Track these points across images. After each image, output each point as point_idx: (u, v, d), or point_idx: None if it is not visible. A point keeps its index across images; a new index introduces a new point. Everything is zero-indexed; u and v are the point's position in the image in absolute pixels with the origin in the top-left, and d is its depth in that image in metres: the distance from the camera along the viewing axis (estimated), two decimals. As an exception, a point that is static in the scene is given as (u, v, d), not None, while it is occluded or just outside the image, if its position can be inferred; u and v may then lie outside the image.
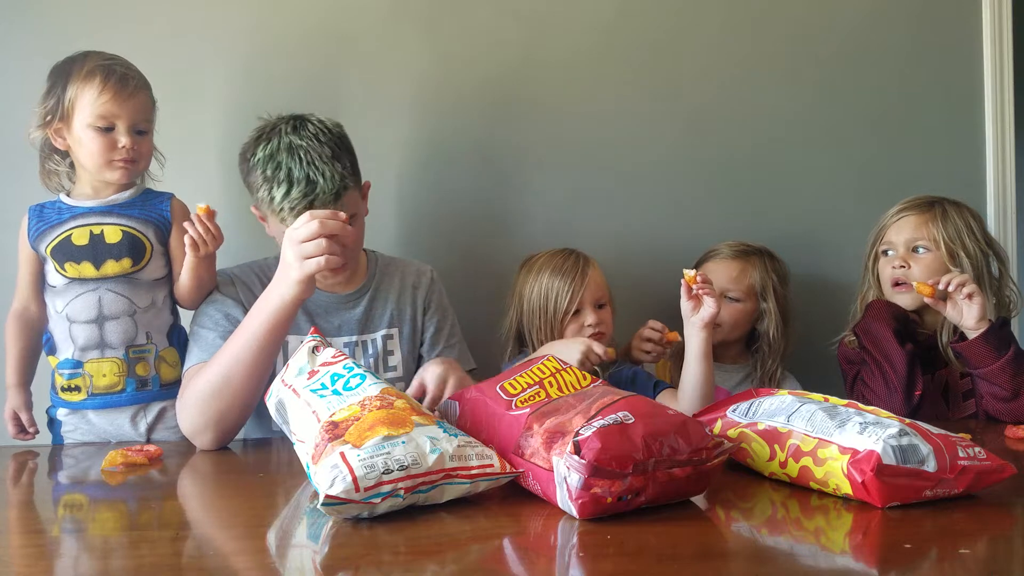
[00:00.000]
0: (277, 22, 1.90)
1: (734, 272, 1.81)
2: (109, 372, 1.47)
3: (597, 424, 0.96)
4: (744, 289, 1.81)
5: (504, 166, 1.97)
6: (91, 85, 1.45)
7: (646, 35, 2.01)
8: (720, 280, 1.79)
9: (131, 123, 1.48)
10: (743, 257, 1.83)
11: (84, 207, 1.50)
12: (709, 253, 1.87)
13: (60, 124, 1.48)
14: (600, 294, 1.71)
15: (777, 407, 1.14)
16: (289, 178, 1.46)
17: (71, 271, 1.46)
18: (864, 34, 2.07)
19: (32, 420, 1.53)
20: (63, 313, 1.47)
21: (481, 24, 1.96)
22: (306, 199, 1.46)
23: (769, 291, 1.81)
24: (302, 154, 1.47)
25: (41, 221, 1.49)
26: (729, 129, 2.03)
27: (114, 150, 1.47)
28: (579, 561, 0.87)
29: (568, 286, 1.68)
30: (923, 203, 1.71)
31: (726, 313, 1.79)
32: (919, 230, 1.68)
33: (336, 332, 1.60)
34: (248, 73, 1.88)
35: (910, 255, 1.68)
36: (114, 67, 1.47)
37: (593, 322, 1.68)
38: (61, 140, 1.49)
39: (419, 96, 1.94)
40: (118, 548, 0.93)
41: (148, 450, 1.31)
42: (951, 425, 1.34)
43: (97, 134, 1.46)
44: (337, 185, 1.48)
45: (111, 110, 1.46)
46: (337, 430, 1.00)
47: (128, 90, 1.47)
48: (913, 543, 0.88)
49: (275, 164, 1.48)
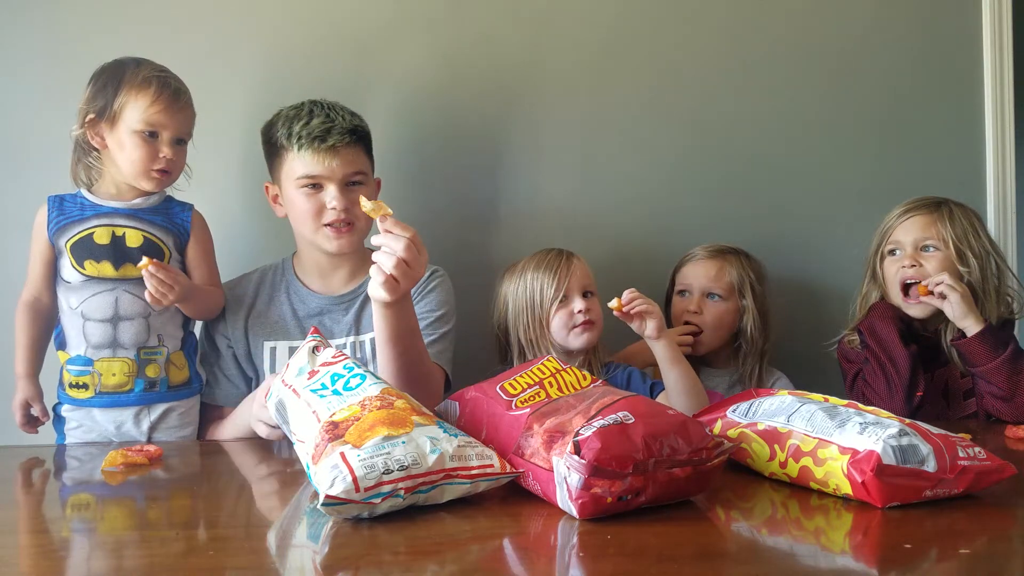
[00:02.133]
0: (287, 27, 1.91)
1: (712, 271, 1.82)
2: (119, 372, 1.48)
3: (597, 424, 0.96)
4: (725, 287, 1.81)
5: (506, 166, 1.97)
6: (145, 93, 1.48)
7: (647, 36, 2.01)
8: (701, 281, 1.82)
9: (175, 135, 1.51)
10: (719, 256, 1.84)
11: (108, 207, 1.51)
12: (686, 257, 1.88)
13: (105, 124, 1.49)
14: (587, 282, 1.69)
15: (777, 407, 1.14)
16: (311, 114, 1.57)
17: (90, 269, 1.47)
18: (864, 34, 2.07)
19: (44, 409, 1.51)
20: (78, 310, 1.47)
21: (483, 26, 1.96)
22: (323, 126, 1.55)
23: (747, 288, 1.82)
24: (326, 105, 1.61)
25: (62, 215, 1.49)
26: (729, 129, 2.03)
27: (155, 159, 1.49)
28: (579, 561, 0.87)
29: (553, 276, 1.67)
30: (930, 203, 1.71)
31: (710, 314, 1.80)
32: (928, 230, 1.68)
33: (329, 334, 1.62)
34: (257, 77, 1.88)
35: (919, 254, 1.68)
36: (169, 79, 1.52)
37: (583, 308, 1.64)
38: (99, 139, 1.50)
39: (422, 97, 1.94)
40: (119, 548, 0.93)
41: (148, 450, 1.31)
42: (951, 425, 1.35)
43: (141, 141, 1.48)
44: (355, 125, 1.59)
45: (161, 120, 1.49)
46: (337, 430, 1.00)
47: (180, 103, 1.52)
48: (913, 543, 0.88)
49: (298, 107, 1.60)
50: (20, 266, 1.53)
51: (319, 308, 1.64)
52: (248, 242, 1.84)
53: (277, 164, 1.62)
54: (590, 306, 1.66)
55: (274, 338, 1.62)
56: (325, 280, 1.67)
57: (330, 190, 1.56)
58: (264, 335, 1.63)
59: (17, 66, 1.83)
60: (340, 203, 1.55)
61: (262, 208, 1.74)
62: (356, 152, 1.59)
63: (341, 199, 1.56)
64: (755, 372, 1.84)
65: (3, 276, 1.74)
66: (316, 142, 1.54)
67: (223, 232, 1.68)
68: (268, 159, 1.66)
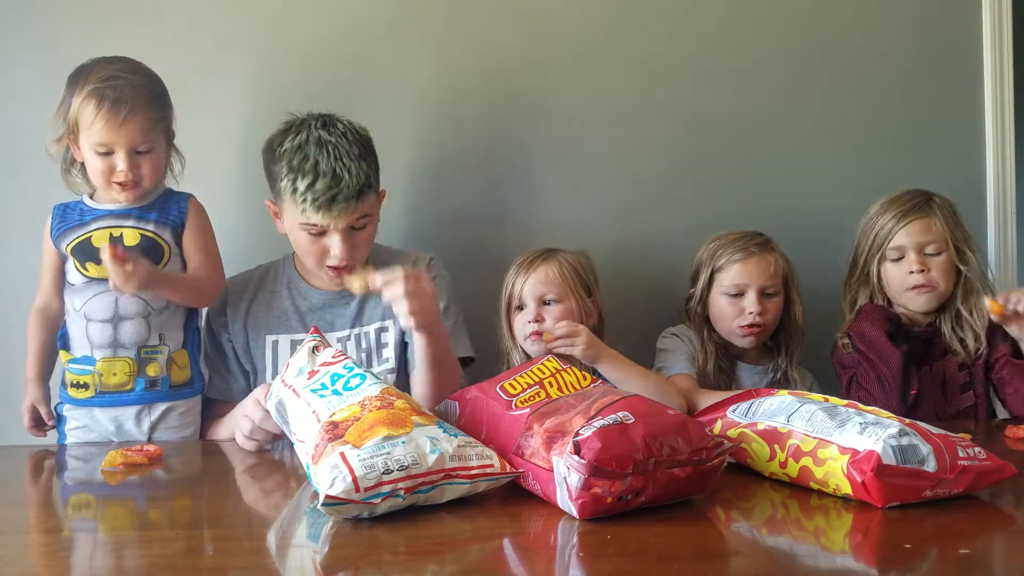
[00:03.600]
0: (287, 27, 1.91)
1: (770, 267, 1.72)
2: (120, 371, 1.48)
3: (597, 424, 0.96)
4: (778, 281, 1.73)
5: (508, 166, 1.97)
6: (87, 109, 1.44)
7: (648, 37, 2.01)
8: (758, 279, 1.70)
9: (128, 148, 1.47)
10: (764, 249, 1.74)
11: (105, 210, 1.51)
12: (732, 258, 1.73)
13: (70, 138, 1.49)
14: (546, 291, 1.64)
15: (777, 407, 1.14)
16: (315, 170, 1.49)
17: (93, 271, 1.47)
18: (864, 34, 2.06)
19: (51, 412, 1.53)
20: (81, 311, 1.48)
21: (484, 27, 1.96)
22: (330, 192, 1.49)
23: (792, 278, 1.75)
24: (330, 149, 1.51)
25: (63, 221, 1.51)
26: (729, 130, 2.03)
27: (113, 172, 1.47)
28: (579, 561, 0.87)
29: (511, 279, 1.67)
30: (920, 202, 1.71)
31: (771, 312, 1.71)
32: (928, 232, 1.68)
33: (329, 328, 1.62)
34: (258, 77, 1.88)
35: (925, 259, 1.68)
36: (107, 91, 1.44)
37: (530, 318, 1.63)
38: (78, 151, 1.50)
39: (424, 98, 1.94)
40: (119, 548, 0.93)
41: (148, 450, 1.31)
42: (951, 425, 1.35)
43: (97, 157, 1.46)
44: (361, 183, 1.51)
45: (106, 138, 1.45)
46: (337, 430, 1.00)
47: (120, 118, 1.44)
48: (913, 543, 0.88)
49: (303, 155, 1.51)
50: (19, 266, 1.54)
51: (321, 303, 1.64)
52: (248, 242, 1.83)
53: (278, 197, 1.58)
54: (547, 314, 1.63)
55: (276, 332, 1.63)
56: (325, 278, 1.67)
57: (334, 240, 1.53)
58: (266, 329, 1.63)
59: (16, 65, 1.83)
60: (344, 253, 1.53)
61: (262, 208, 1.73)
62: (361, 203, 1.53)
63: (344, 249, 1.53)
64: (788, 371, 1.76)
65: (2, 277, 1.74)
66: (320, 209, 1.49)
67: (223, 232, 1.68)
68: (269, 182, 1.61)
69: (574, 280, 1.67)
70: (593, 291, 1.72)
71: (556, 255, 1.69)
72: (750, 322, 1.69)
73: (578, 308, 1.66)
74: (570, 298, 1.66)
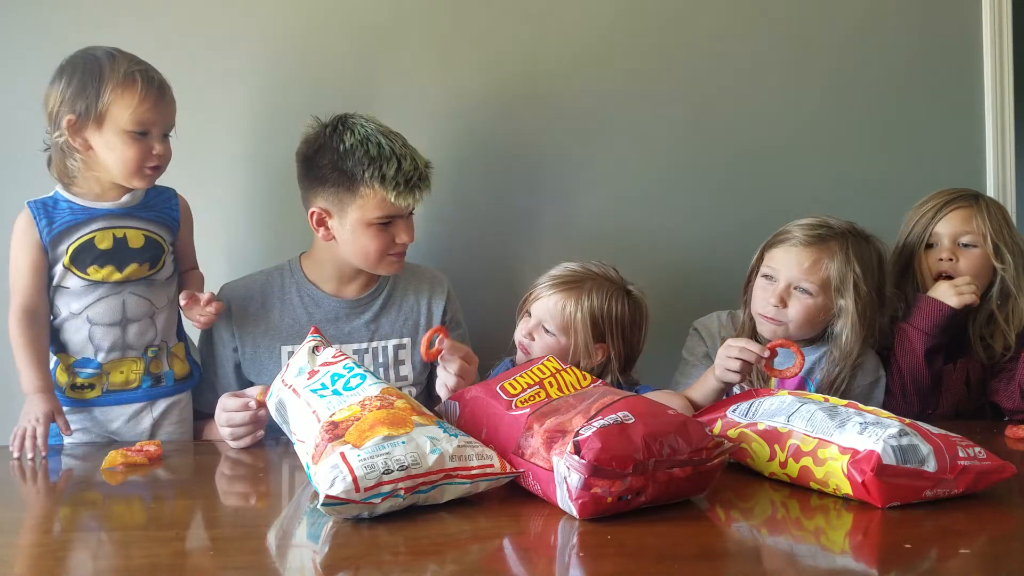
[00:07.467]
0: (289, 25, 1.90)
1: (807, 262, 1.52)
2: (127, 371, 1.48)
3: (597, 424, 0.96)
4: (819, 282, 1.52)
5: (511, 166, 1.97)
6: (132, 92, 1.41)
7: (648, 37, 2.01)
8: (791, 271, 1.53)
9: (164, 130, 1.47)
10: (820, 244, 1.54)
11: (103, 209, 1.46)
12: (781, 235, 1.59)
13: (91, 126, 1.42)
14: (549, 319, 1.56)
15: (777, 407, 1.14)
16: (395, 156, 1.54)
17: (94, 274, 1.44)
18: (865, 33, 2.06)
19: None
20: (82, 315, 1.45)
21: (489, 28, 1.95)
22: (416, 172, 1.55)
23: (849, 286, 1.51)
24: (393, 137, 1.57)
25: (54, 221, 1.43)
26: (730, 129, 2.02)
27: (148, 157, 1.44)
28: (579, 561, 0.87)
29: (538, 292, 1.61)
30: (967, 195, 1.70)
31: (795, 309, 1.52)
32: (968, 223, 1.66)
33: (346, 339, 1.61)
34: (258, 76, 1.87)
35: (957, 249, 1.66)
36: (151, 73, 1.45)
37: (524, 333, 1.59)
38: (82, 141, 1.43)
39: (427, 99, 1.93)
40: (119, 548, 0.93)
41: (148, 450, 1.30)
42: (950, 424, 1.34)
43: (132, 140, 1.42)
44: (427, 164, 1.60)
45: (151, 118, 1.43)
46: (337, 430, 1.00)
47: (166, 98, 1.46)
48: (913, 543, 0.88)
49: (377, 145, 1.54)
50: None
51: (335, 313, 1.62)
52: (249, 242, 1.83)
53: (342, 197, 1.54)
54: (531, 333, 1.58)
55: (291, 342, 1.59)
56: (341, 285, 1.64)
57: (401, 225, 1.58)
58: (280, 339, 1.60)
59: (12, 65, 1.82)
60: (411, 238, 1.59)
61: (263, 208, 1.73)
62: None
63: (412, 233, 1.60)
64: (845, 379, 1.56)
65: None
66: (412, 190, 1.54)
67: (224, 232, 1.68)
68: (317, 188, 1.57)
69: (584, 322, 1.55)
70: (606, 338, 1.58)
71: (584, 289, 1.57)
72: (761, 311, 1.54)
73: (570, 347, 1.56)
74: (563, 336, 1.56)
